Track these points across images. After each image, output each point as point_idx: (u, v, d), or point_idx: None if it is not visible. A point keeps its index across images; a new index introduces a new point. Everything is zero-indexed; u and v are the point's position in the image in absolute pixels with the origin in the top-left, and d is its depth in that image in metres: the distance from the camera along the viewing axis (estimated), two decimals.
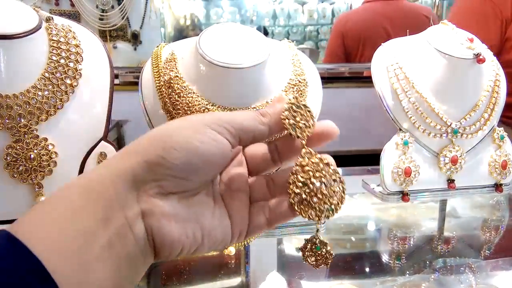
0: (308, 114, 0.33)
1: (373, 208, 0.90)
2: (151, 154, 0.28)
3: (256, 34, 0.55)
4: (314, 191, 0.32)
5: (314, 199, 0.32)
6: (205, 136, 0.30)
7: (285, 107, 0.33)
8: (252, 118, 0.32)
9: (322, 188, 0.32)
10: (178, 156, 0.29)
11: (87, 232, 0.26)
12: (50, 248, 0.24)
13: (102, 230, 0.26)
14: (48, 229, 0.25)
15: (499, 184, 0.69)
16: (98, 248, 0.26)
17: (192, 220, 0.30)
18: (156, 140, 0.29)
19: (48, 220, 0.26)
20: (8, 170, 0.44)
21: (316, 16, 4.55)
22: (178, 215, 0.30)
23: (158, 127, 0.31)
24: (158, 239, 0.29)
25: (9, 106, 0.43)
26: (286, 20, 4.54)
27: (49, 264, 0.23)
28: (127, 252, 0.28)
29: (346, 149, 2.14)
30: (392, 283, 0.62)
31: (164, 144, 0.29)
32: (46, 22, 0.49)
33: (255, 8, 4.45)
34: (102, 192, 0.27)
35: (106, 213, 0.27)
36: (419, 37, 0.68)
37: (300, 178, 0.32)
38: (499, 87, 0.67)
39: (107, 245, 0.26)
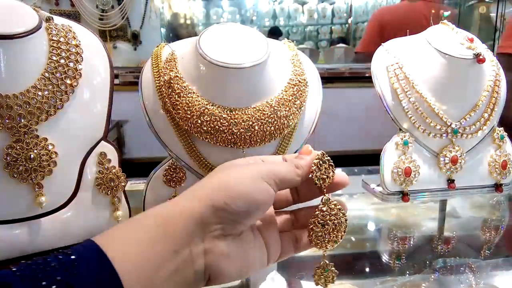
0: (330, 167, 0.41)
1: (373, 208, 0.90)
2: (218, 200, 0.34)
3: (256, 34, 0.55)
4: (328, 231, 0.42)
5: (327, 236, 0.42)
6: (261, 188, 0.36)
7: (314, 162, 0.41)
8: (291, 172, 0.39)
9: (333, 228, 0.42)
10: (240, 205, 0.35)
11: (160, 259, 0.31)
12: (129, 267, 0.30)
13: (171, 260, 0.32)
14: (129, 250, 0.31)
15: (499, 184, 0.69)
16: (166, 274, 0.32)
17: (241, 256, 0.37)
18: (222, 188, 0.35)
19: (131, 242, 0.32)
20: (8, 170, 0.44)
21: (316, 16, 4.55)
22: (232, 253, 0.36)
23: (221, 173, 0.38)
24: (213, 274, 0.35)
25: (9, 106, 0.43)
26: (286, 20, 4.54)
27: (126, 281, 0.29)
28: (186, 280, 0.33)
29: (346, 149, 2.15)
30: (392, 283, 0.62)
31: (229, 193, 0.35)
32: (46, 22, 0.49)
33: (255, 8, 4.44)
34: (175, 228, 0.33)
35: (177, 247, 0.33)
36: (419, 37, 0.68)
37: (320, 220, 0.41)
38: (499, 87, 0.67)
39: (173, 272, 0.32)
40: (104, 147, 0.52)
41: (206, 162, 0.53)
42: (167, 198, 0.54)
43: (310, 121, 0.57)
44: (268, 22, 4.46)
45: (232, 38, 0.54)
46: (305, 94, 0.55)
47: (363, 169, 1.10)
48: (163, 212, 0.35)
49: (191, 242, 0.34)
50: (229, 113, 0.50)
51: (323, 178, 0.41)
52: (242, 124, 0.50)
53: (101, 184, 0.50)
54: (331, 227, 0.41)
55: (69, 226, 0.49)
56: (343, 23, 4.48)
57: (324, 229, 0.42)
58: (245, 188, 0.36)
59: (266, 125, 0.51)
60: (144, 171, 0.59)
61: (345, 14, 4.45)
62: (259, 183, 0.36)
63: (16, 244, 0.46)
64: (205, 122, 0.50)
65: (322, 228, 0.42)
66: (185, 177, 0.54)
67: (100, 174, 0.50)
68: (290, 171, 0.39)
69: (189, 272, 0.34)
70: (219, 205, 0.34)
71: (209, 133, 0.50)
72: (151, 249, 0.32)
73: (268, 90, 0.53)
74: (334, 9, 4.45)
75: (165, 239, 0.32)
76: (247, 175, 0.37)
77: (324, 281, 0.44)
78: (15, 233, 0.46)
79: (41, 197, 0.46)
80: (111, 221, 0.52)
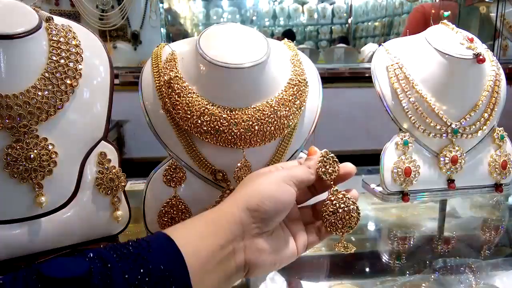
0: (334, 162, 0.48)
1: (373, 208, 0.90)
2: (252, 203, 0.42)
3: (256, 34, 0.55)
4: (339, 217, 0.48)
5: (340, 222, 0.48)
6: (284, 189, 0.44)
7: (319, 159, 0.48)
8: (306, 172, 0.47)
9: (344, 214, 0.48)
10: (269, 205, 0.42)
11: (210, 250, 0.40)
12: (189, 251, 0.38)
13: (218, 252, 0.40)
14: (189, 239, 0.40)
15: (499, 184, 0.69)
16: (214, 263, 0.40)
17: (274, 251, 0.44)
18: (254, 193, 0.43)
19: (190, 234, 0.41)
20: (8, 170, 0.44)
21: (316, 16, 4.55)
22: (267, 249, 0.44)
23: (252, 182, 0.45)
24: (252, 266, 0.43)
25: (9, 106, 0.43)
26: (286, 20, 4.55)
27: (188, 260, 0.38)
28: (229, 270, 0.41)
29: (346, 149, 2.15)
30: (392, 283, 0.62)
31: (259, 197, 0.43)
32: (46, 22, 0.49)
33: (255, 8, 4.45)
34: (220, 228, 0.41)
35: (222, 241, 0.40)
36: (419, 37, 0.68)
37: (330, 208, 0.48)
38: (499, 87, 0.67)
39: (219, 262, 0.40)
40: (104, 147, 0.52)
41: (206, 162, 0.53)
42: (167, 198, 0.54)
43: (310, 121, 0.57)
44: (268, 22, 4.46)
45: (232, 38, 0.54)
46: (305, 94, 0.55)
47: (363, 169, 1.09)
48: (212, 215, 0.43)
49: (234, 240, 0.41)
50: (229, 113, 0.50)
51: (329, 172, 0.48)
52: (242, 124, 0.50)
53: (101, 184, 0.50)
54: (342, 214, 0.47)
55: (69, 226, 0.49)
56: (343, 23, 4.47)
57: (335, 216, 0.48)
58: (272, 191, 0.43)
59: (266, 125, 0.51)
60: (144, 171, 0.59)
61: (345, 14, 4.45)
62: (282, 186, 0.44)
63: (16, 244, 0.46)
64: (205, 122, 0.50)
65: (333, 215, 0.48)
66: (185, 177, 0.54)
67: (100, 174, 0.50)
68: (305, 172, 0.47)
69: (231, 264, 0.41)
70: (252, 207, 0.42)
71: (209, 133, 0.50)
72: (205, 241, 0.40)
73: (268, 90, 0.53)
74: (334, 9, 4.45)
75: (213, 236, 0.41)
76: (272, 180, 0.45)
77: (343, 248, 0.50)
78: (15, 233, 0.46)
79: (41, 197, 0.46)
80: (111, 221, 0.52)
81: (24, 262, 0.46)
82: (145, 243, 0.38)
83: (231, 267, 0.41)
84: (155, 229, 0.55)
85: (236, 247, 0.41)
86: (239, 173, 0.52)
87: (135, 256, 0.36)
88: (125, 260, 0.35)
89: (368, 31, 4.29)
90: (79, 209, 0.49)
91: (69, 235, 0.49)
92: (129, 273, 0.35)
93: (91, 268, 0.33)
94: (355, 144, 2.14)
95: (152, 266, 0.36)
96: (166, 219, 0.54)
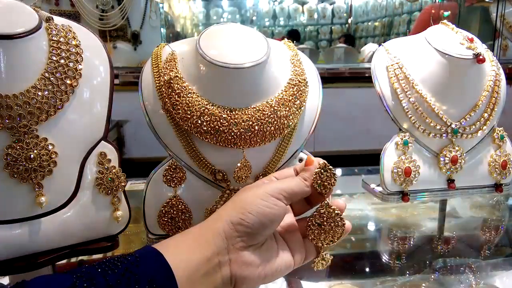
0: (332, 175, 0.46)
1: (373, 208, 0.90)
2: (235, 217, 0.42)
3: (256, 34, 0.55)
4: (324, 230, 0.47)
5: (323, 235, 0.47)
6: (270, 203, 0.43)
7: (316, 170, 0.46)
8: (300, 184, 0.45)
9: (329, 229, 0.47)
10: (252, 218, 0.42)
11: (197, 263, 0.40)
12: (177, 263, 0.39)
13: (205, 264, 0.40)
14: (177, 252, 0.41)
15: (499, 184, 0.69)
16: (200, 275, 0.40)
17: (263, 264, 0.44)
18: (237, 207, 0.43)
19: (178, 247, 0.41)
20: (8, 170, 0.44)
21: (316, 16, 4.55)
22: (254, 262, 0.43)
23: (238, 195, 0.45)
24: (238, 280, 0.42)
25: (9, 106, 0.43)
26: (286, 20, 4.55)
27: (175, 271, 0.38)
28: (215, 283, 0.41)
29: (346, 149, 2.15)
30: (392, 283, 0.62)
31: (243, 210, 0.42)
32: (46, 22, 0.49)
33: (255, 8, 4.45)
34: (206, 242, 0.42)
35: (208, 254, 0.41)
36: (419, 37, 0.68)
37: (317, 220, 0.47)
38: (499, 87, 0.67)
39: (205, 274, 0.40)
40: (104, 147, 0.52)
41: (206, 162, 0.53)
42: (167, 198, 0.54)
43: (310, 121, 0.57)
44: (268, 22, 4.46)
45: (232, 38, 0.54)
46: (305, 94, 0.55)
47: (363, 169, 1.10)
48: (198, 229, 0.44)
49: (219, 253, 0.41)
50: (229, 113, 0.50)
51: (324, 185, 0.46)
52: (242, 124, 0.50)
53: (101, 184, 0.50)
54: (327, 228, 0.47)
55: (69, 226, 0.49)
56: (343, 23, 4.48)
57: (320, 228, 0.47)
58: (256, 205, 0.43)
59: (266, 125, 0.51)
60: (144, 171, 0.59)
61: (345, 14, 4.46)
62: (270, 200, 0.43)
63: (16, 244, 0.46)
64: (205, 122, 0.50)
65: (319, 227, 0.47)
66: (185, 177, 0.54)
67: (100, 174, 0.50)
68: (299, 185, 0.46)
69: (218, 277, 0.41)
70: (236, 221, 0.42)
71: (209, 133, 0.50)
72: (191, 254, 0.41)
73: (268, 90, 0.53)
74: (334, 9, 4.45)
75: (200, 249, 0.41)
76: (259, 194, 0.44)
77: (322, 264, 0.49)
78: (15, 233, 0.46)
79: (41, 197, 0.46)
80: (111, 221, 0.52)
81: (24, 262, 0.46)
82: (133, 257, 0.38)
83: (218, 280, 0.41)
84: (155, 229, 0.55)
85: (221, 260, 0.41)
86: (239, 173, 0.52)
87: (123, 270, 0.36)
88: (112, 275, 0.36)
89: (368, 31, 4.30)
90: (79, 209, 0.49)
91: (69, 235, 0.49)
92: (116, 285, 0.35)
93: (76, 282, 0.34)
94: (355, 144, 2.14)
95: (140, 278, 0.36)
96: (166, 219, 0.54)
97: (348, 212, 0.91)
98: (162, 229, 0.54)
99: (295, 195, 0.45)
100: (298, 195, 0.46)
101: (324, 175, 0.46)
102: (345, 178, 1.12)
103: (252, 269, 0.43)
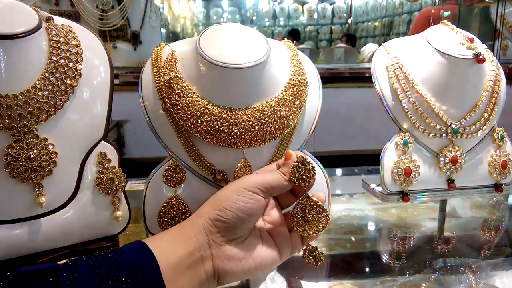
0: (309, 167, 0.46)
1: (373, 208, 0.90)
2: (212, 213, 0.44)
3: (256, 34, 0.55)
4: (307, 221, 0.47)
5: (307, 225, 0.47)
6: (246, 197, 0.44)
7: (293, 164, 0.46)
8: (278, 178, 0.46)
9: (312, 220, 0.47)
10: (230, 214, 0.43)
11: (180, 256, 0.42)
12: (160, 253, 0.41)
13: (187, 258, 0.42)
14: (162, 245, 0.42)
15: (499, 184, 0.69)
16: (184, 267, 0.41)
17: (246, 257, 0.45)
18: (215, 204, 0.44)
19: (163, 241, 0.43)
20: (8, 170, 0.44)
21: (316, 16, 4.55)
22: (236, 255, 0.44)
23: (216, 192, 0.47)
24: (221, 273, 0.44)
25: (9, 106, 0.43)
26: (286, 20, 4.55)
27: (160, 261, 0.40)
28: (199, 276, 0.42)
29: (346, 149, 2.14)
30: (392, 283, 0.62)
31: (220, 207, 0.44)
32: (46, 22, 0.49)
33: (255, 8, 4.45)
34: (188, 237, 0.43)
35: (191, 249, 0.42)
36: (419, 37, 0.68)
37: (299, 213, 0.47)
38: (499, 87, 0.67)
39: (188, 267, 0.42)
40: (104, 147, 0.52)
41: (206, 162, 0.53)
42: (167, 198, 0.54)
43: (310, 121, 0.57)
44: (268, 22, 4.46)
45: (232, 38, 0.54)
46: (305, 94, 0.55)
47: (363, 169, 1.10)
48: (182, 227, 0.45)
49: (201, 248, 0.43)
50: (229, 113, 0.50)
51: (302, 178, 0.46)
52: (242, 124, 0.50)
53: (101, 184, 0.50)
54: (310, 219, 0.47)
55: (69, 226, 0.49)
56: (343, 23, 4.48)
57: (304, 220, 0.47)
58: (232, 200, 0.44)
59: (266, 125, 0.51)
60: (144, 171, 0.59)
61: (345, 14, 4.46)
62: (245, 194, 0.44)
63: (16, 244, 0.46)
64: (205, 122, 0.50)
65: (302, 219, 0.47)
66: (185, 177, 0.54)
67: (100, 174, 0.50)
68: (277, 179, 0.46)
69: (201, 270, 0.42)
70: (214, 217, 0.43)
71: (209, 133, 0.50)
72: (175, 248, 0.42)
73: (268, 90, 0.53)
74: (334, 9, 4.45)
75: (183, 244, 0.42)
76: (233, 188, 0.45)
77: (313, 260, 0.49)
78: (15, 233, 0.46)
79: (41, 197, 0.46)
80: (111, 221, 0.52)
81: (24, 262, 0.46)
82: (119, 248, 0.40)
83: (201, 273, 0.42)
84: (155, 229, 0.55)
85: (204, 254, 0.43)
86: (239, 173, 0.52)
87: (106, 257, 0.38)
88: (96, 260, 0.38)
89: (368, 31, 4.30)
90: (79, 209, 0.49)
91: (69, 235, 0.49)
92: (99, 268, 0.37)
93: (60, 266, 0.36)
94: (355, 144, 2.13)
95: (122, 261, 0.38)
96: (166, 219, 0.54)
97: (348, 212, 0.91)
98: (162, 229, 0.54)
99: (273, 189, 0.46)
100: (276, 189, 0.46)
101: (301, 168, 0.46)
102: (345, 178, 1.12)
103: (234, 263, 0.44)
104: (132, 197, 0.55)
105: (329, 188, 0.59)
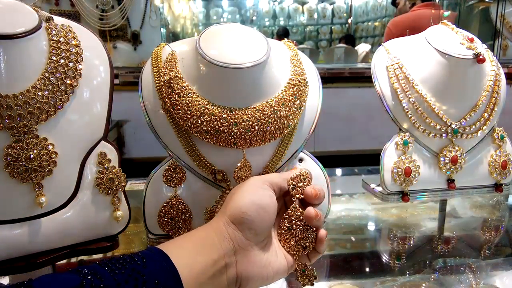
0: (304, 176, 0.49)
1: (373, 208, 0.90)
2: (235, 214, 0.44)
3: (256, 34, 0.55)
4: (294, 234, 0.47)
5: (293, 239, 0.47)
6: (263, 193, 0.46)
7: (295, 173, 0.49)
8: (281, 178, 0.49)
9: (298, 233, 0.47)
10: (251, 211, 0.44)
11: (204, 266, 0.41)
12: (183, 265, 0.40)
13: (211, 267, 0.41)
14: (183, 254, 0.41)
15: (499, 184, 0.69)
16: (207, 278, 0.41)
17: (266, 265, 0.45)
18: (234, 205, 0.45)
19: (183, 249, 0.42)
20: (8, 170, 0.44)
21: (316, 16, 4.55)
22: (259, 262, 0.45)
23: (231, 194, 0.47)
24: (244, 280, 0.44)
25: (9, 106, 0.43)
26: (286, 20, 4.55)
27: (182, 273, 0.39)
28: (220, 285, 0.42)
29: (346, 149, 2.14)
30: (392, 283, 0.62)
31: (240, 207, 0.44)
32: (46, 22, 0.49)
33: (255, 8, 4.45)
34: (213, 245, 0.43)
35: (215, 257, 0.42)
36: (419, 37, 0.68)
37: (286, 224, 0.48)
38: (499, 87, 0.67)
39: (211, 277, 0.41)
40: (104, 147, 0.52)
41: (206, 162, 0.53)
42: (167, 198, 0.54)
43: (310, 121, 0.57)
44: (268, 22, 4.46)
45: (232, 38, 0.54)
46: (305, 94, 0.55)
47: (363, 169, 1.10)
48: (203, 233, 0.45)
49: (226, 255, 0.43)
50: (229, 113, 0.50)
51: (297, 188, 0.48)
52: (242, 124, 0.50)
53: (101, 184, 0.50)
54: (297, 231, 0.47)
55: (69, 226, 0.49)
56: (343, 23, 4.48)
57: (289, 233, 0.47)
58: (250, 198, 0.45)
59: (266, 125, 0.51)
60: (144, 171, 0.59)
61: (345, 14, 4.46)
62: (259, 190, 0.46)
63: (16, 244, 0.46)
64: (205, 122, 0.50)
65: (288, 231, 0.48)
66: (185, 177, 0.54)
67: (100, 174, 0.50)
68: (280, 177, 0.49)
69: (223, 279, 0.42)
70: (237, 220, 0.44)
71: (209, 133, 0.50)
72: (198, 257, 0.41)
73: (268, 90, 0.53)
74: (334, 9, 4.45)
75: (207, 252, 0.42)
76: (248, 188, 0.47)
77: (307, 280, 0.48)
78: (15, 233, 0.46)
79: (41, 197, 0.46)
80: (111, 221, 0.52)
81: (24, 262, 0.46)
82: (140, 258, 0.39)
83: (223, 281, 0.42)
84: (155, 229, 0.55)
85: (228, 261, 0.43)
86: (239, 173, 0.52)
87: (130, 270, 0.37)
88: (120, 274, 0.36)
89: (368, 31, 4.30)
90: (79, 209, 0.49)
91: (69, 235, 0.49)
92: (124, 285, 0.36)
93: (83, 282, 0.34)
94: (355, 144, 2.13)
95: (147, 279, 0.37)
96: (166, 219, 0.54)
97: (348, 212, 0.91)
98: (162, 229, 0.54)
99: (281, 188, 0.48)
100: (283, 189, 0.49)
101: (300, 179, 0.49)
102: (345, 178, 1.12)
103: (256, 269, 0.44)
104: (132, 197, 0.55)
105: (329, 188, 0.59)
